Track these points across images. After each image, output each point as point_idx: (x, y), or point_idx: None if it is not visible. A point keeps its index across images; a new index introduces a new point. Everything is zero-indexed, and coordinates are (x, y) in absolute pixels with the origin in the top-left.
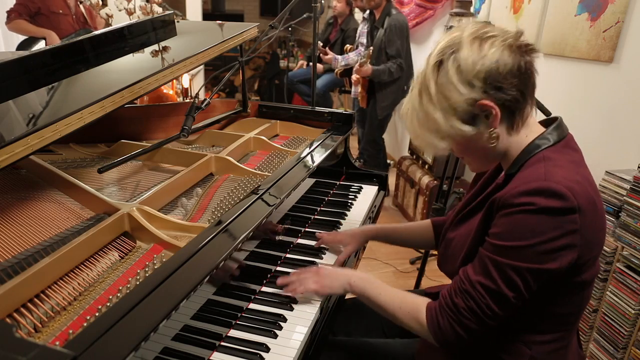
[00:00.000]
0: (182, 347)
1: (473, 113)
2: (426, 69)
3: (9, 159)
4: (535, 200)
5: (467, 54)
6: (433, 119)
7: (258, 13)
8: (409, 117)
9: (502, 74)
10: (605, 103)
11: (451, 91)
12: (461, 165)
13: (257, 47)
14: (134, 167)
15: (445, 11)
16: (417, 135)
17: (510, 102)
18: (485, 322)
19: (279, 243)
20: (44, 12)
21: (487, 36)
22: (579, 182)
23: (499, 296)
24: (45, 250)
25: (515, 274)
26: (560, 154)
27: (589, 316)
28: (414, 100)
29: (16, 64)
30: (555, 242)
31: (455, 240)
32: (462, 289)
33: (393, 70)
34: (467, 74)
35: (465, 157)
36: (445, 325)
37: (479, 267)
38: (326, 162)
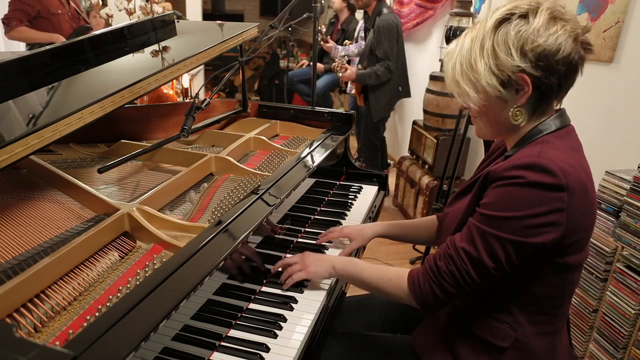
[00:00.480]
0: (182, 347)
1: (510, 81)
2: (487, 22)
3: (9, 159)
4: (525, 174)
5: (537, 24)
6: (476, 71)
7: (258, 13)
8: (452, 60)
9: (556, 58)
10: (605, 103)
11: (503, 52)
12: (461, 165)
13: (257, 47)
14: (134, 167)
15: (445, 11)
16: (454, 81)
17: (545, 87)
18: (464, 288)
19: (279, 243)
20: (43, 15)
21: (562, 18)
22: (572, 165)
23: (479, 264)
24: (45, 251)
25: (498, 244)
26: (560, 139)
27: (589, 316)
28: (465, 46)
29: (16, 64)
30: (541, 218)
31: (450, 215)
32: (446, 254)
33: (380, 73)
34: (525, 43)
35: (480, 119)
36: (425, 286)
37: (466, 235)
38: (326, 162)
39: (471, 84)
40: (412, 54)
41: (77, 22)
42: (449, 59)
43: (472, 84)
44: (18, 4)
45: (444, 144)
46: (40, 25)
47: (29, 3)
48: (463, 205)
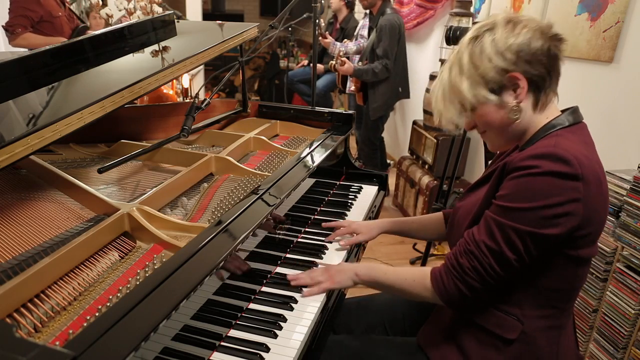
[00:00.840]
0: (182, 347)
1: (501, 84)
2: (459, 46)
3: (9, 159)
4: (541, 163)
5: (503, 31)
6: (458, 90)
7: (258, 13)
8: (434, 94)
9: (532, 50)
10: (605, 103)
11: (483, 60)
12: (461, 165)
13: (257, 47)
14: (134, 167)
15: (445, 11)
16: (440, 110)
17: (537, 77)
18: (488, 281)
19: (279, 243)
20: (46, 19)
21: (520, 20)
22: (587, 157)
23: (501, 257)
24: (45, 251)
25: (517, 236)
26: (574, 134)
27: (589, 316)
28: (442, 76)
29: (16, 64)
30: (557, 208)
31: (463, 209)
32: (467, 250)
33: (377, 71)
34: (500, 47)
35: (489, 132)
36: (450, 284)
37: (484, 228)
38: (326, 162)
39: (458, 105)
40: (412, 54)
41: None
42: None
43: (459, 105)
44: (21, 10)
45: (444, 144)
46: (43, 29)
47: (32, 8)
48: (477, 198)
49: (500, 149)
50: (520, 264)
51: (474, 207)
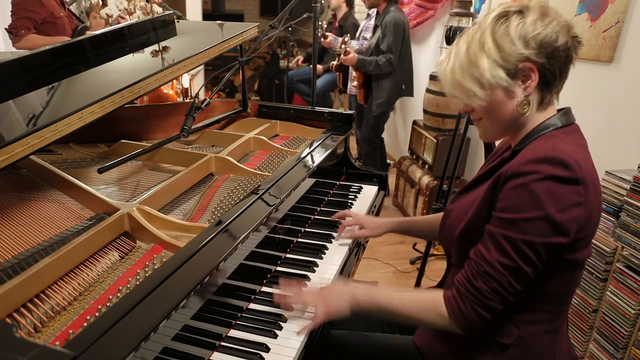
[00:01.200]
0: (182, 347)
1: (516, 70)
2: (482, 22)
3: (9, 159)
4: (542, 168)
5: (533, 17)
6: (478, 67)
7: (258, 13)
8: (448, 66)
9: (556, 45)
10: (605, 103)
11: (506, 42)
12: (461, 165)
13: (257, 47)
14: (134, 167)
15: (445, 11)
16: (456, 81)
17: (550, 73)
18: (508, 299)
19: (279, 243)
20: (49, 20)
21: (550, 11)
22: (584, 160)
23: (519, 272)
24: (45, 251)
25: (530, 249)
26: (567, 135)
27: (589, 316)
28: (459, 50)
29: (16, 64)
30: (564, 214)
31: (455, 212)
32: (481, 272)
33: (381, 64)
34: (527, 33)
35: (485, 119)
36: (469, 310)
37: (493, 246)
38: (326, 162)
39: (476, 81)
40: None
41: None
42: (444, 66)
43: (477, 80)
44: (24, 12)
45: (444, 144)
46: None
47: (35, 10)
48: (470, 201)
49: (492, 139)
50: (535, 274)
51: (468, 210)
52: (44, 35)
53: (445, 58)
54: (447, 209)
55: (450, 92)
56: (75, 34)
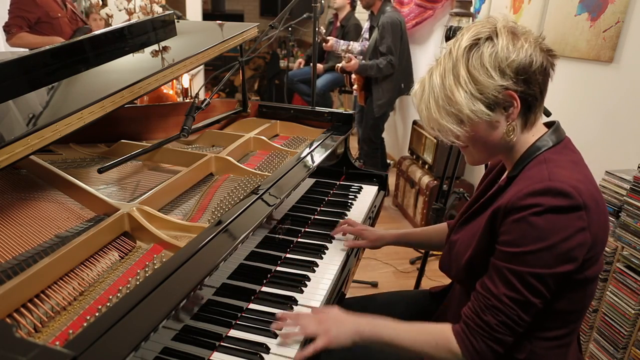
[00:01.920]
0: (182, 347)
1: (496, 101)
2: (454, 52)
3: (9, 159)
4: (542, 201)
5: (504, 43)
6: (456, 102)
7: (258, 13)
8: (423, 101)
9: (532, 69)
10: (605, 103)
11: (482, 75)
12: (461, 165)
13: (257, 47)
14: (134, 167)
15: (445, 11)
16: (432, 119)
17: (530, 97)
18: (518, 331)
19: (279, 243)
20: (44, 20)
21: (521, 32)
22: (581, 181)
23: (527, 305)
24: (45, 251)
25: (537, 280)
26: (560, 154)
27: (589, 316)
28: (433, 83)
29: (16, 64)
30: (568, 243)
31: (459, 242)
32: (489, 306)
33: (382, 67)
34: (501, 62)
35: (471, 147)
36: (482, 346)
37: (500, 280)
38: (326, 162)
39: (453, 117)
40: (412, 53)
41: (76, 24)
42: (419, 101)
43: (455, 117)
44: (18, 11)
45: (444, 144)
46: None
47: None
48: (472, 233)
49: (480, 163)
50: (543, 304)
51: (471, 242)
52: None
53: (419, 89)
54: (451, 240)
55: (428, 127)
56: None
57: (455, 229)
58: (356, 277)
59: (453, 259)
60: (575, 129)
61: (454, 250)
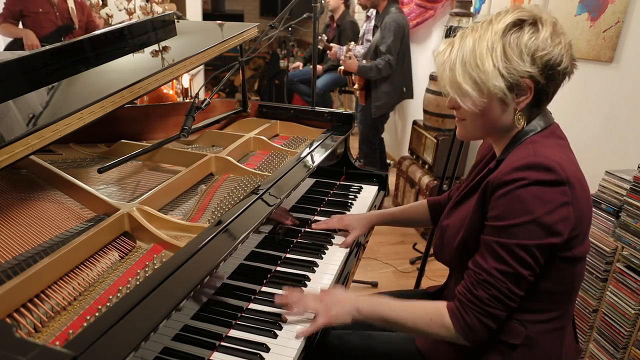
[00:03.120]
0: (182, 347)
1: (516, 84)
2: (495, 25)
3: (9, 159)
4: (527, 175)
5: (546, 34)
6: (484, 70)
7: (258, 13)
8: (450, 61)
9: (559, 68)
10: (605, 103)
11: (514, 56)
12: (461, 165)
13: (257, 47)
14: (134, 167)
15: (445, 11)
16: (454, 81)
17: (544, 94)
18: (510, 305)
19: (279, 243)
20: (25, 14)
21: (561, 32)
22: (565, 160)
23: (517, 277)
24: (45, 251)
25: (525, 252)
26: (547, 138)
27: (589, 316)
28: (466, 46)
29: (16, 64)
30: (553, 215)
31: (450, 227)
32: (479, 280)
33: (381, 67)
34: (537, 50)
35: (469, 121)
36: (474, 321)
37: (489, 254)
38: (326, 162)
39: (475, 86)
40: (412, 54)
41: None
42: (443, 61)
43: (477, 86)
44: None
45: (444, 144)
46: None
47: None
48: (463, 215)
49: (470, 139)
50: (533, 277)
51: (462, 224)
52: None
53: (446, 49)
54: (442, 225)
55: (446, 88)
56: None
57: (446, 214)
58: (356, 277)
59: (445, 243)
60: (575, 129)
61: (446, 235)
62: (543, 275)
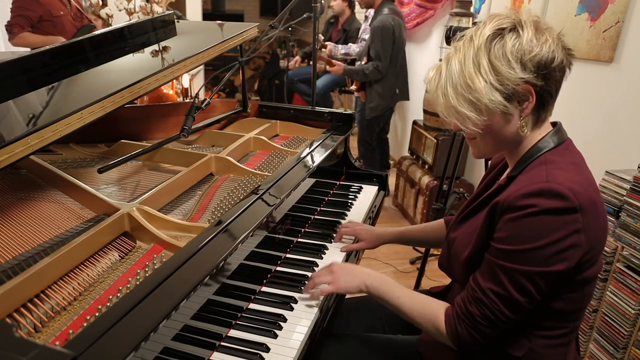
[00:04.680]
0: (182, 347)
1: (514, 93)
2: (476, 40)
3: (9, 159)
4: (538, 202)
5: (529, 35)
6: (475, 90)
7: (258, 13)
8: (440, 88)
9: (553, 65)
10: (605, 103)
11: (504, 66)
12: (461, 165)
13: (257, 47)
14: (134, 167)
15: (445, 11)
16: (449, 106)
17: (546, 94)
18: (500, 327)
19: (279, 243)
20: (46, 18)
21: (545, 27)
22: (579, 183)
23: (510, 302)
24: (45, 251)
25: (525, 279)
26: (561, 156)
27: (589, 316)
28: (452, 70)
29: (16, 64)
30: (561, 243)
31: (458, 240)
32: (474, 297)
33: (367, 72)
34: (524, 54)
35: (479, 139)
36: (463, 332)
37: (488, 274)
38: (326, 162)
39: (472, 106)
40: (412, 54)
41: (81, 21)
42: (435, 87)
43: (473, 105)
44: (20, 10)
45: (444, 144)
46: (44, 28)
47: (30, 8)
48: (471, 230)
49: (485, 157)
50: (531, 304)
51: (470, 239)
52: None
53: (435, 75)
54: (450, 238)
55: (443, 114)
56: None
57: (454, 227)
58: None
59: (452, 256)
60: (575, 129)
61: (453, 248)
62: (554, 297)
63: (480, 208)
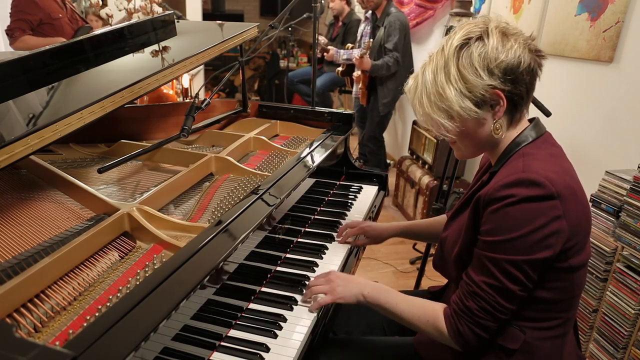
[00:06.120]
0: (182, 347)
1: (483, 99)
2: (446, 50)
3: (9, 159)
4: (516, 192)
5: (494, 43)
6: (446, 98)
7: (258, 13)
8: (417, 96)
9: (520, 69)
10: (605, 103)
11: (471, 75)
12: (461, 165)
13: (257, 47)
14: (134, 167)
15: (445, 11)
16: (425, 114)
17: (517, 96)
18: (500, 317)
19: (279, 243)
20: (46, 21)
21: (512, 33)
22: (555, 172)
23: (505, 292)
24: (45, 251)
25: (514, 268)
26: (539, 149)
27: (589, 316)
28: (426, 79)
29: (16, 64)
30: (543, 230)
31: (448, 239)
32: (470, 292)
33: (390, 65)
34: (490, 62)
35: (459, 142)
36: (465, 330)
37: (479, 268)
38: (326, 162)
39: (444, 113)
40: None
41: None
42: (413, 96)
43: (445, 113)
44: (20, 14)
45: (444, 144)
46: (44, 31)
47: (30, 12)
48: (459, 228)
49: (468, 158)
50: (525, 292)
51: (458, 236)
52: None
53: (412, 85)
54: (441, 238)
55: (422, 122)
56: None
57: (445, 227)
58: None
59: (445, 255)
60: (575, 129)
61: (444, 247)
62: (540, 286)
63: (466, 206)
